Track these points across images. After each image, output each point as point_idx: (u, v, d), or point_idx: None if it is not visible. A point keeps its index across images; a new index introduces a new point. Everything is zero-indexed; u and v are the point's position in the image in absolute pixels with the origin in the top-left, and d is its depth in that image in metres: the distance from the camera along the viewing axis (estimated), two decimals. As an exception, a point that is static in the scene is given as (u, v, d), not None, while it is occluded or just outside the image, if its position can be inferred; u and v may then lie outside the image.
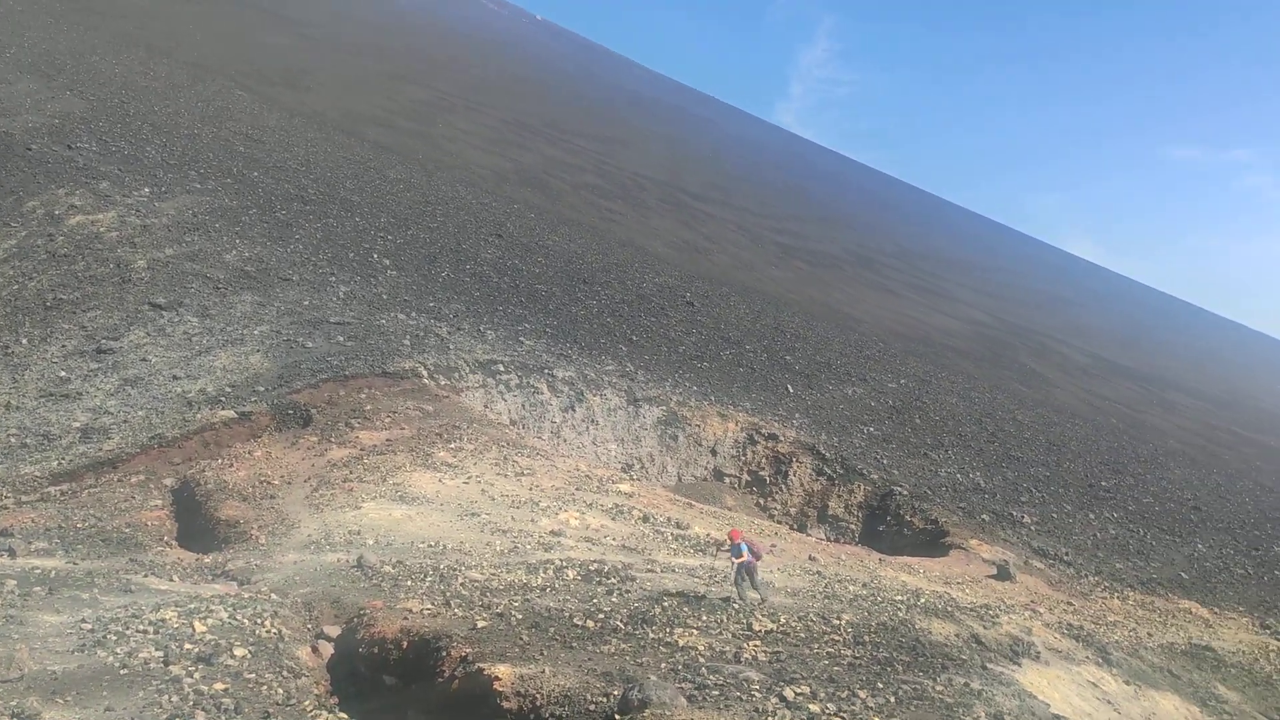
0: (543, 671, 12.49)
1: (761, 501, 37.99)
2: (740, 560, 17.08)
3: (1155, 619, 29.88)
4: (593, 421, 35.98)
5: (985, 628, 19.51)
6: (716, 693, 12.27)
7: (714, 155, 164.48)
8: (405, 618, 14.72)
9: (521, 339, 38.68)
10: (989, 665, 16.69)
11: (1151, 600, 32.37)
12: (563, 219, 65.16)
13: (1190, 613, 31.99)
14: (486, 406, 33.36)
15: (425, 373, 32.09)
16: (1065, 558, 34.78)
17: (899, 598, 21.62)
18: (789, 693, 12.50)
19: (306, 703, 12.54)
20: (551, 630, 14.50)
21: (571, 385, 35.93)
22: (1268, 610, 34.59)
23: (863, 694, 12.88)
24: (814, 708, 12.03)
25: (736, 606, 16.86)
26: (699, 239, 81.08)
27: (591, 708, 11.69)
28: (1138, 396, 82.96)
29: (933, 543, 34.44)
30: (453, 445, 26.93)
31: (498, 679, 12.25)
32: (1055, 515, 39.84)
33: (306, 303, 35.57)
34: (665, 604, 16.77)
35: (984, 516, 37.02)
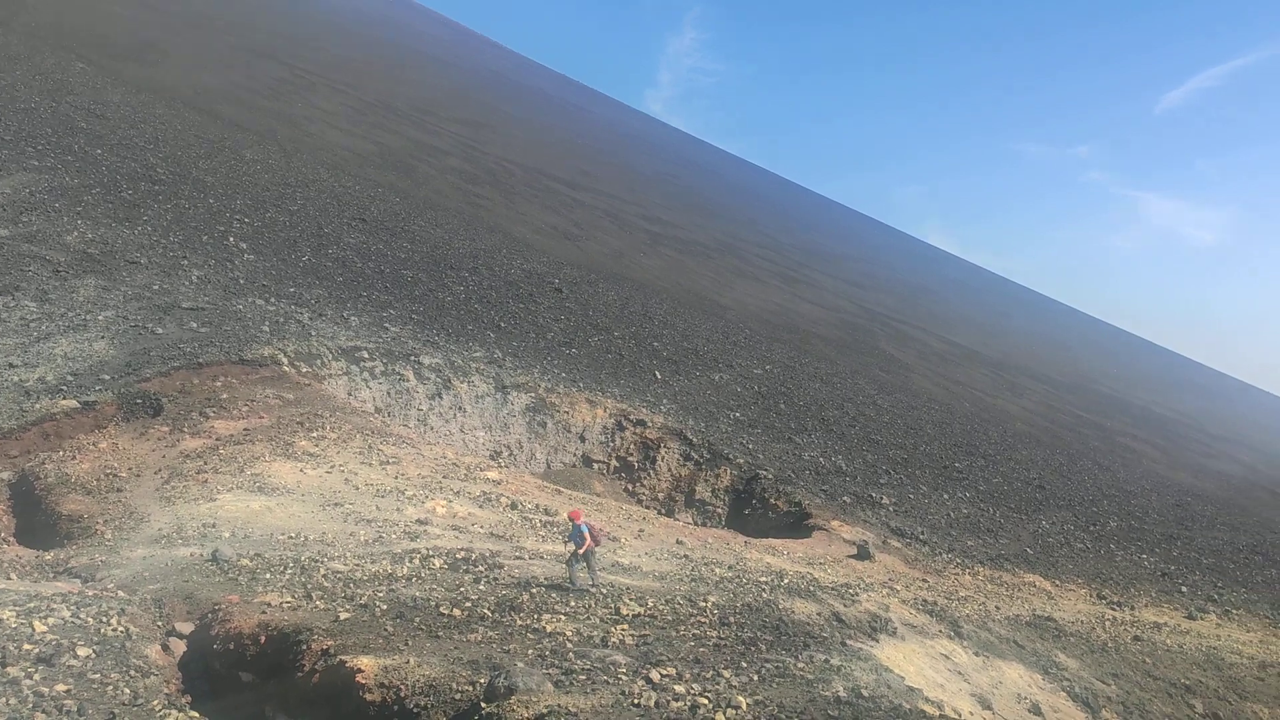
0: (407, 662, 12.27)
1: (630, 487, 38.20)
2: (586, 546, 16.94)
3: (1003, 593, 31.29)
4: (460, 409, 35.51)
5: (846, 606, 20.11)
6: (584, 677, 12.29)
7: (583, 142, 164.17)
8: (263, 612, 14.24)
9: (387, 325, 37.88)
10: (849, 642, 17.21)
11: (1000, 575, 33.90)
12: (429, 204, 64.02)
13: (1034, 586, 33.64)
14: (350, 394, 32.55)
15: (285, 360, 31.08)
16: (921, 537, 36.10)
17: (764, 579, 22.07)
18: (655, 675, 12.63)
19: (155, 702, 11.98)
20: (417, 620, 14.26)
21: (438, 372, 35.38)
22: (1103, 582, 36.70)
23: (727, 673, 13.11)
24: (679, 689, 12.18)
25: (570, 589, 16.80)
26: (568, 225, 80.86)
27: (457, 696, 11.54)
28: (990, 382, 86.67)
29: (796, 525, 35.28)
30: (315, 434, 26.17)
31: (360, 671, 11.97)
32: (912, 496, 41.33)
33: (156, 287, 33.96)
34: (533, 591, 16.70)
35: (845, 498, 38.10)
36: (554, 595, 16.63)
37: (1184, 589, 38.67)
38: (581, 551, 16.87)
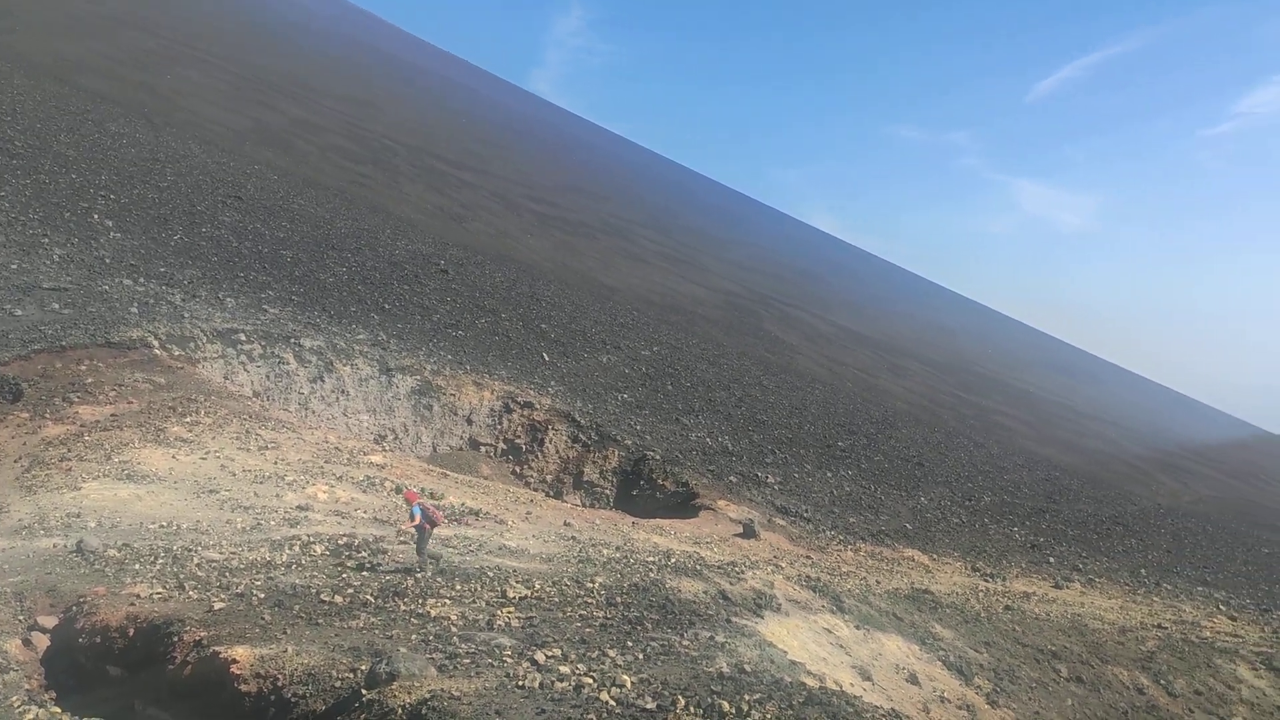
0: (285, 651, 11.92)
1: (518, 469, 37.97)
2: (415, 524, 16.59)
3: (883, 568, 32.19)
4: (343, 392, 34.70)
5: (731, 584, 20.38)
6: (468, 661, 12.15)
7: (469, 122, 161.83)
8: (132, 604, 13.65)
9: (265, 307, 36.74)
10: (734, 619, 17.45)
11: (880, 550, 34.87)
12: (309, 182, 62.25)
13: (913, 560, 34.72)
14: (227, 378, 31.47)
15: (156, 343, 29.83)
16: (805, 514, 36.86)
17: (651, 559, 22.22)
18: (540, 656, 12.57)
19: (15, 699, 11.39)
20: (296, 608, 13.88)
21: (320, 355, 34.49)
22: (978, 555, 38.11)
23: (613, 653, 13.14)
24: (564, 669, 12.15)
25: (419, 574, 16.52)
26: (454, 206, 79.68)
27: (338, 684, 11.27)
28: (872, 362, 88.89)
29: (684, 504, 35.62)
30: (188, 419, 25.20)
31: (235, 662, 11.57)
32: (797, 475, 42.14)
33: (15, 266, 32.17)
34: (418, 576, 16.43)
35: (732, 478, 38.63)
36: (440, 580, 16.40)
37: (1051, 560, 40.43)
38: (409, 528, 16.56)
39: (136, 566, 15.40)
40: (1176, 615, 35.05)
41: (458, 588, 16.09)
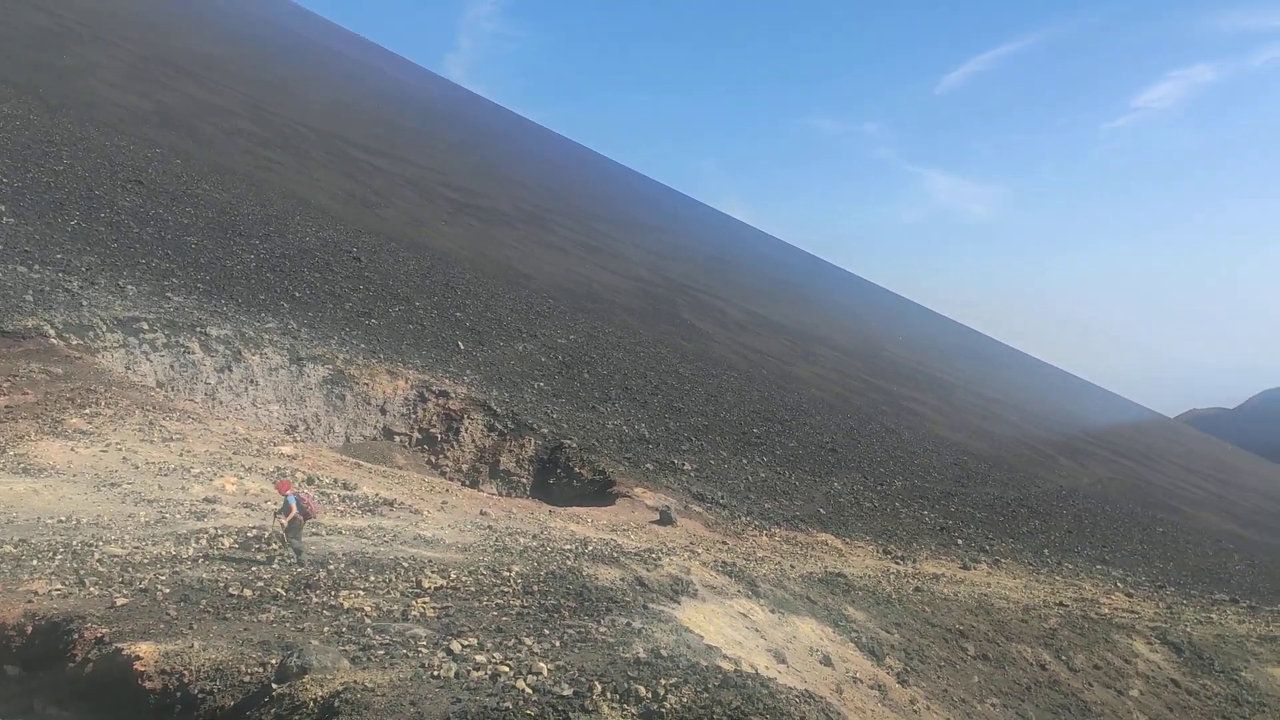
0: (191, 646, 11.60)
1: (433, 459, 37.60)
2: (291, 515, 16.22)
3: (798, 552, 32.68)
4: (252, 382, 33.91)
5: (648, 570, 20.48)
6: (382, 652, 12.00)
7: (381, 106, 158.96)
8: (29, 600, 13.15)
9: (169, 295, 35.69)
10: (650, 605, 17.53)
11: (795, 535, 35.38)
12: (214, 166, 60.51)
13: (826, 544, 35.30)
14: (128, 368, 30.49)
15: (53, 331, 28.78)
16: (721, 501, 37.20)
17: (568, 547, 22.20)
18: (456, 646, 12.48)
19: (-97, 704, 10.92)
20: (203, 602, 13.53)
21: (228, 344, 33.64)
22: (889, 538, 38.92)
23: (529, 641, 13.10)
24: (480, 658, 12.06)
25: (290, 561, 16.14)
26: (366, 193, 78.28)
27: (246, 679, 11.02)
28: (786, 349, 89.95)
29: (601, 492, 35.69)
30: (88, 410, 24.36)
31: (139, 658, 11.22)
32: (713, 462, 42.50)
33: (-102, 252, 30.75)
34: (331, 567, 16.16)
35: (648, 465, 38.78)
36: (353, 571, 16.15)
37: (960, 542, 41.51)
38: (286, 521, 16.18)
39: (34, 563, 14.83)
40: (1077, 593, 36.32)
41: (372, 579, 15.86)
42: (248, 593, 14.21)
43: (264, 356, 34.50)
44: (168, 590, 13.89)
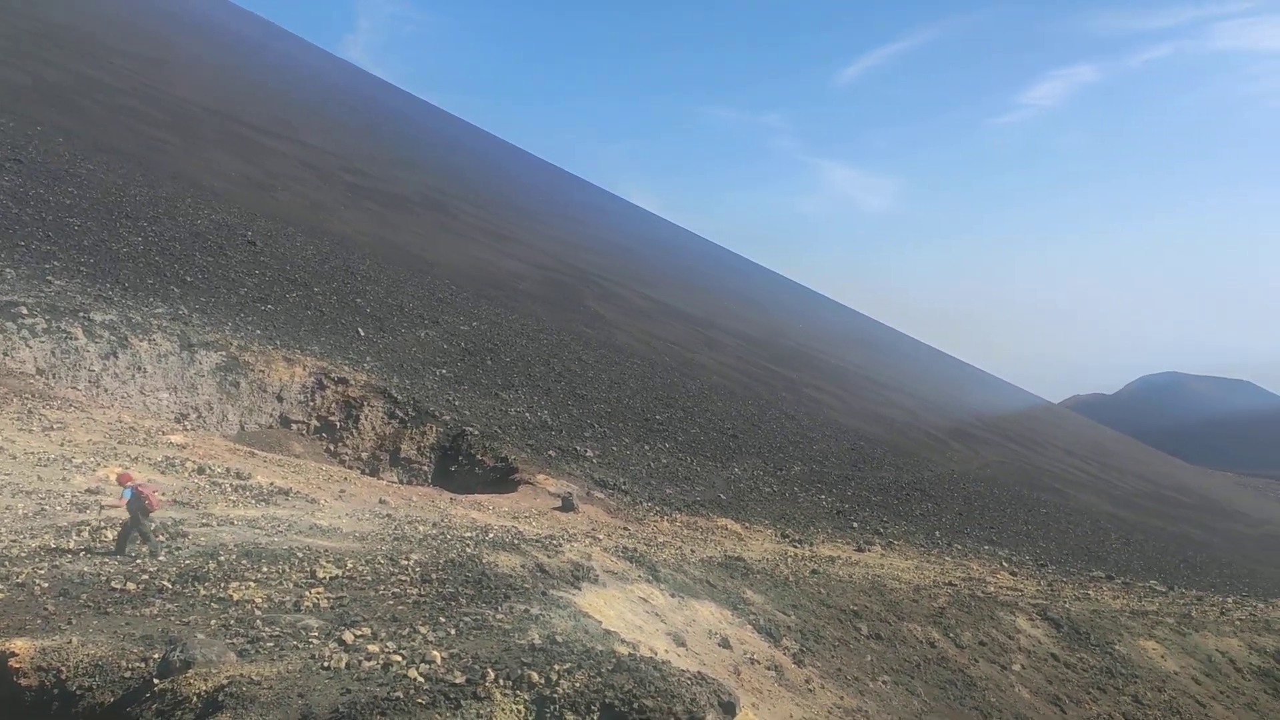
0: (69, 642, 11.26)
1: (332, 447, 36.96)
2: (126, 503, 15.67)
3: (698, 537, 33.09)
4: (139, 369, 32.82)
5: (549, 557, 20.55)
6: (271, 644, 11.82)
7: (277, 86, 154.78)
8: (-105, 599, 12.61)
9: (50, 279, 34.30)
10: (550, 591, 17.60)
11: (695, 520, 35.80)
12: (99, 145, 58.19)
13: (726, 529, 35.82)
14: (6, 354, 29.23)
15: (-78, 316, 27.45)
16: (623, 487, 37.42)
17: (468, 535, 22.11)
18: (349, 636, 12.35)
19: None
20: (84, 597, 13.13)
21: (114, 330, 32.47)
22: (787, 522, 39.66)
23: (424, 629, 13.04)
24: (373, 648, 11.98)
25: (120, 559, 15.44)
26: (261, 175, 76.23)
27: (127, 675, 10.74)
28: (688, 337, 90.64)
29: (503, 479, 35.56)
30: (-40, 399, 23.34)
31: (14, 655, 10.85)
32: (615, 448, 42.69)
33: None
34: (221, 559, 15.81)
35: (551, 452, 38.77)
36: (245, 562, 15.83)
37: (855, 525, 42.53)
38: (128, 515, 15.70)
39: (-100, 558, 14.21)
40: (965, 573, 37.57)
41: (264, 569, 15.58)
42: (131, 586, 13.83)
43: (152, 343, 33.41)
44: (46, 585, 13.44)
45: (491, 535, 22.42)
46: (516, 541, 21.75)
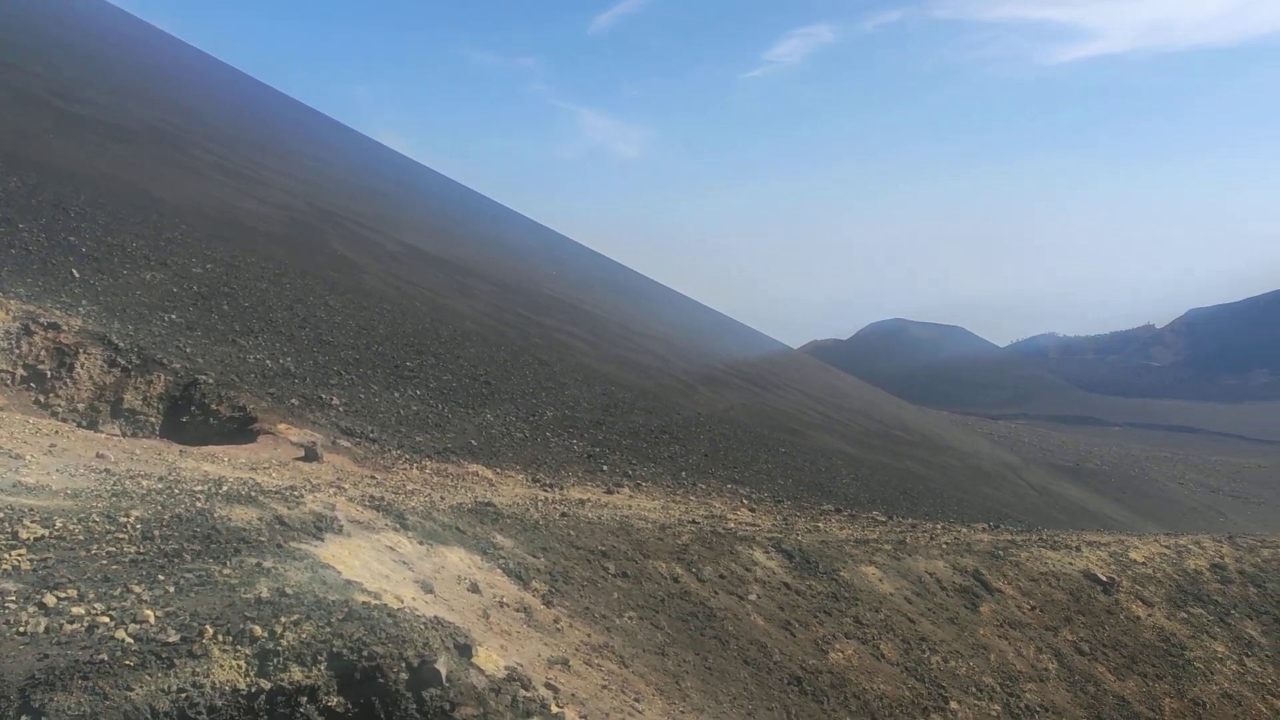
0: None
1: (42, 398, 33.74)
2: None
3: (449, 484, 32.72)
4: None
5: (289, 508, 19.71)
6: (-43, 612, 10.70)
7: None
8: None
9: None
10: (288, 543, 16.91)
11: (446, 467, 35.37)
12: None
13: (478, 475, 35.63)
14: None
15: None
16: (371, 435, 36.39)
17: (199, 488, 20.84)
18: (50, 599, 11.37)
19: None
20: None
21: None
22: (539, 467, 39.94)
23: (138, 589, 12.19)
24: (78, 610, 11.08)
25: None
26: (-46, 96, 67.98)
27: None
28: (441, 282, 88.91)
29: (241, 430, 33.71)
30: None
31: None
32: (363, 396, 41.42)
33: None
34: None
35: (294, 401, 37.12)
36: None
37: (605, 468, 43.41)
38: None
39: None
40: (708, 511, 39.23)
41: (-49, 535, 14.06)
42: None
43: None
44: None
45: (225, 488, 21.24)
46: (254, 494, 20.71)
